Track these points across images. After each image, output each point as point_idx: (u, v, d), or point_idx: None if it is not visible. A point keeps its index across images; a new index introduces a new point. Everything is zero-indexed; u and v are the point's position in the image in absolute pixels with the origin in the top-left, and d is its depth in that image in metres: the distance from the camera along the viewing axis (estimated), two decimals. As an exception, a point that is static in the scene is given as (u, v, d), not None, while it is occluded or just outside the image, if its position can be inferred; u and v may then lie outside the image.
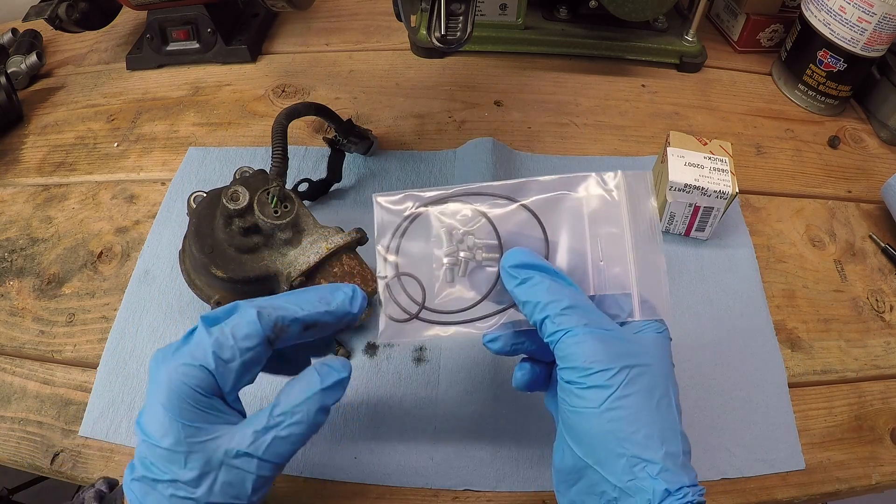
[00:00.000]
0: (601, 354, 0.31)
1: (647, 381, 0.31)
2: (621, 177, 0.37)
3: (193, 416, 0.31)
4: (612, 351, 0.31)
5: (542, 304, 0.33)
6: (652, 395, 0.31)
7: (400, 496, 0.43)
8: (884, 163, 0.66)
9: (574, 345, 0.32)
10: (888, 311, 0.54)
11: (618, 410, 0.31)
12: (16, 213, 0.60)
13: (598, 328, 0.32)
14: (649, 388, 0.31)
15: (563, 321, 0.32)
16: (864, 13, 0.60)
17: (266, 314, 0.32)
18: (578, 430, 0.32)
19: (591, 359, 0.31)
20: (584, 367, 0.31)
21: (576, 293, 0.34)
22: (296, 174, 0.59)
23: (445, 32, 0.44)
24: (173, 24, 0.70)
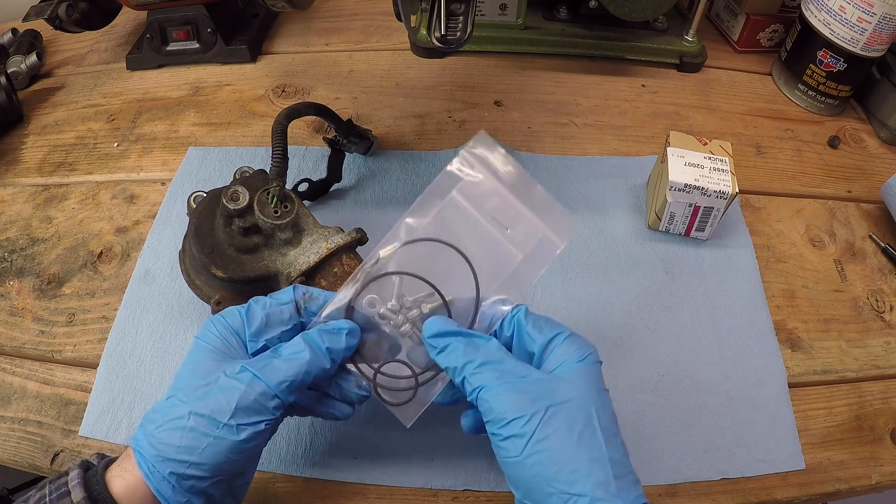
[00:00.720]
0: (515, 403, 0.33)
1: (564, 418, 0.32)
2: (464, 154, 0.39)
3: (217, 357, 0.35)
4: (525, 397, 0.33)
5: (459, 367, 0.35)
6: (572, 429, 0.32)
7: (400, 496, 0.43)
8: (884, 163, 0.66)
9: (490, 398, 0.33)
10: (888, 311, 0.54)
11: (539, 454, 0.32)
12: (16, 213, 0.60)
13: (513, 377, 0.34)
14: (568, 423, 0.32)
15: (478, 379, 0.34)
16: (864, 13, 0.60)
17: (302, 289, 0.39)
18: (512, 476, 0.33)
19: (506, 409, 0.32)
20: (500, 419, 0.33)
21: (490, 348, 0.35)
22: (296, 174, 0.59)
23: (445, 32, 0.44)
24: (173, 24, 0.70)
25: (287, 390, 0.34)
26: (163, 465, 0.32)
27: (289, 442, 0.45)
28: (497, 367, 0.34)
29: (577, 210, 0.58)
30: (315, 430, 0.45)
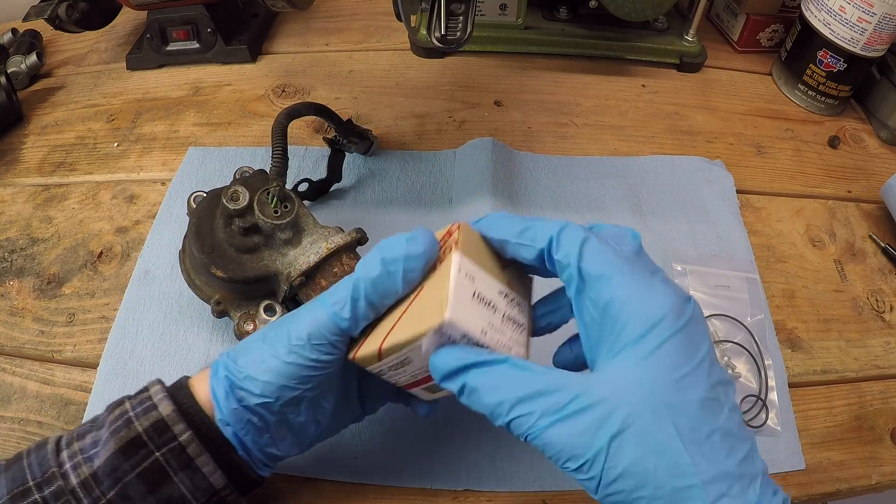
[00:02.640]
0: (568, 446, 0.27)
1: (634, 446, 0.26)
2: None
3: None
4: (578, 436, 0.26)
5: (492, 412, 0.28)
6: (647, 456, 0.26)
7: (400, 496, 0.43)
8: (884, 163, 0.66)
9: (540, 444, 0.28)
10: (888, 311, 0.54)
11: (617, 494, 0.26)
12: (16, 213, 0.60)
13: (555, 411, 0.27)
14: (640, 451, 0.26)
15: (519, 424, 0.28)
16: (864, 13, 0.60)
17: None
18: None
19: (561, 454, 0.27)
20: (562, 463, 0.27)
21: (513, 374, 0.28)
22: (296, 174, 0.59)
23: (445, 32, 0.44)
24: (173, 24, 0.70)
25: (338, 315, 0.31)
26: (224, 370, 0.33)
27: (289, 442, 0.45)
28: (533, 404, 0.27)
29: (577, 210, 0.58)
30: (315, 430, 0.45)
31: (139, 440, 0.32)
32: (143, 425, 0.32)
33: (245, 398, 0.33)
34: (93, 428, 0.34)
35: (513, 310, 0.31)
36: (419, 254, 0.30)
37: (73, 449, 0.33)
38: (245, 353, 0.34)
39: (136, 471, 0.31)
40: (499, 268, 0.32)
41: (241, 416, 0.33)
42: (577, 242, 0.29)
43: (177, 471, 0.32)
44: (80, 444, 0.33)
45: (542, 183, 0.61)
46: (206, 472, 0.32)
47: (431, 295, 0.30)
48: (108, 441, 0.32)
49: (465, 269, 0.29)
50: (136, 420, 0.32)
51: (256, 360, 0.33)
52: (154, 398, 0.33)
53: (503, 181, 0.59)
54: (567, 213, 0.58)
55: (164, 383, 0.35)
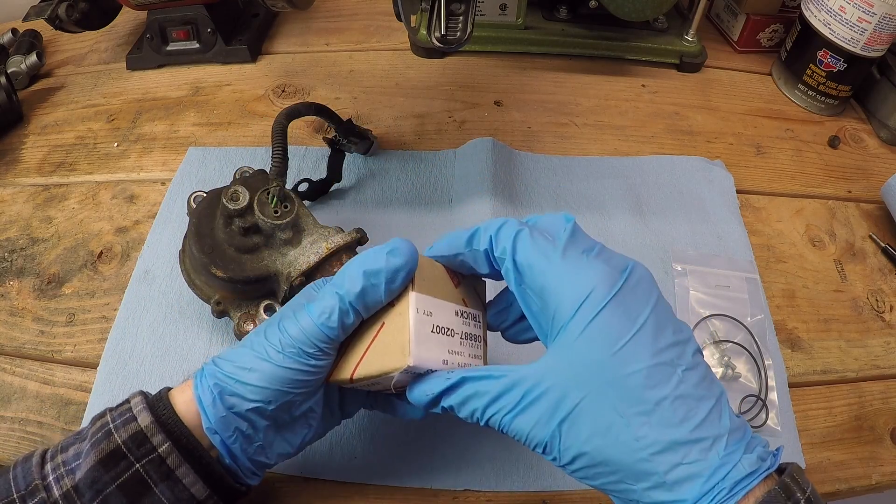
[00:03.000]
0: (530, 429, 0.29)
1: (580, 417, 0.27)
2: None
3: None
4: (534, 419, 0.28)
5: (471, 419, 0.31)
6: (589, 423, 0.27)
7: (400, 496, 0.43)
8: (884, 163, 0.66)
9: (512, 434, 0.30)
10: (888, 311, 0.54)
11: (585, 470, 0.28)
12: (16, 213, 0.60)
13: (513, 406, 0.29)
14: (583, 419, 0.27)
15: (493, 423, 0.30)
16: (864, 13, 0.60)
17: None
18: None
19: (529, 440, 0.29)
20: (532, 447, 0.29)
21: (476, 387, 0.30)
22: (296, 174, 0.59)
23: (445, 32, 0.44)
24: (173, 24, 0.70)
25: (326, 325, 0.32)
26: (211, 378, 0.33)
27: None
28: (497, 405, 0.29)
29: (577, 210, 0.58)
30: (315, 430, 0.45)
31: (119, 451, 0.32)
32: (122, 437, 0.32)
33: (236, 404, 0.33)
34: (76, 440, 0.33)
35: (468, 326, 0.34)
36: (400, 266, 0.31)
37: (56, 461, 0.32)
38: (232, 360, 0.34)
39: (116, 483, 0.31)
40: (453, 285, 0.35)
41: (230, 424, 0.33)
42: (510, 237, 0.31)
43: (157, 482, 0.32)
44: (63, 457, 0.33)
45: (542, 183, 0.61)
46: (186, 483, 0.32)
47: (394, 331, 0.32)
48: (89, 453, 0.32)
49: (423, 307, 0.32)
50: (116, 432, 0.32)
51: (247, 366, 0.33)
52: (134, 409, 0.33)
53: (503, 181, 0.59)
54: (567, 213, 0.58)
55: (148, 394, 0.35)
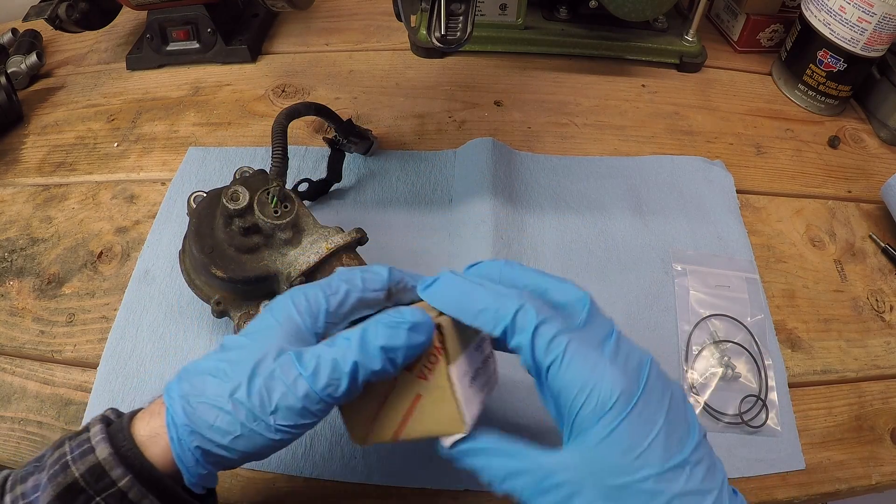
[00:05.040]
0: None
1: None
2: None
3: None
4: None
5: (490, 483, 0.31)
6: None
7: (400, 496, 0.43)
8: (884, 163, 0.66)
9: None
10: (888, 311, 0.54)
11: None
12: (16, 213, 0.60)
13: (531, 486, 0.30)
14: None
15: (511, 492, 0.31)
16: (864, 13, 0.60)
17: (393, 269, 0.35)
18: None
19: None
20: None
21: (501, 461, 0.31)
22: (296, 174, 0.59)
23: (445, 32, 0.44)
24: (173, 24, 0.70)
25: (332, 397, 0.30)
26: (191, 437, 0.30)
27: (289, 442, 0.45)
28: (516, 480, 0.30)
29: (577, 210, 0.58)
30: (315, 430, 0.45)
31: (77, 486, 0.30)
32: (79, 470, 0.30)
33: (222, 461, 0.31)
34: (36, 469, 0.31)
35: (483, 351, 0.35)
36: (421, 343, 0.31)
37: (15, 492, 0.31)
38: (211, 420, 0.30)
39: None
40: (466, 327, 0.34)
41: (211, 473, 0.32)
42: (528, 333, 0.30)
43: None
44: (23, 488, 0.31)
45: (542, 183, 0.61)
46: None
47: (436, 401, 0.32)
48: (47, 487, 0.30)
49: (459, 373, 0.32)
50: (73, 464, 0.30)
51: (232, 431, 0.30)
52: (92, 440, 0.31)
53: (503, 181, 0.59)
54: (567, 213, 0.58)
55: (113, 418, 0.33)
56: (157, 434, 0.31)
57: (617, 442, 0.28)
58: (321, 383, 0.30)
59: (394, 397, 0.33)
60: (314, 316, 0.33)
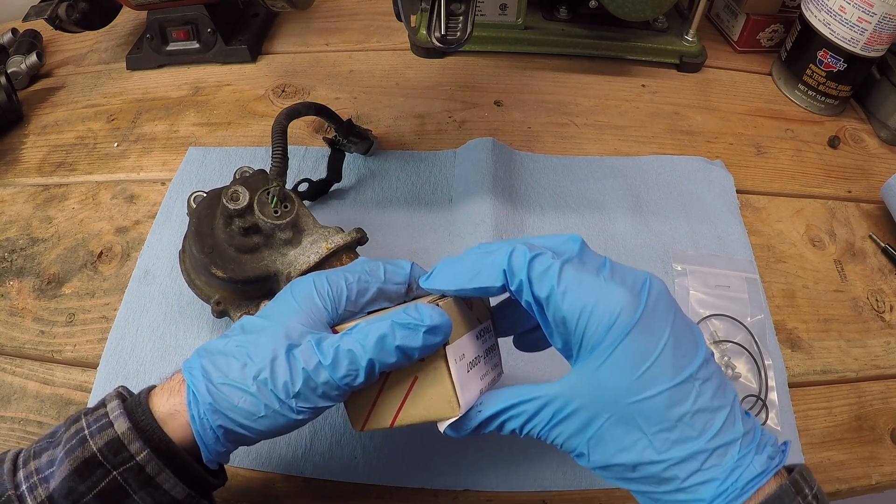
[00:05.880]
0: (563, 440, 0.31)
1: (606, 437, 0.29)
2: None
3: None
4: (567, 433, 0.30)
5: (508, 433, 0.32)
6: (614, 441, 0.29)
7: (400, 496, 0.43)
8: (884, 163, 0.66)
9: (547, 441, 0.31)
10: (888, 311, 0.54)
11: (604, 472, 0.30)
12: (16, 213, 0.60)
13: (548, 420, 0.30)
14: (609, 439, 0.29)
15: (530, 434, 0.32)
16: (864, 13, 0.60)
17: (415, 266, 0.36)
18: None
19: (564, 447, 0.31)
20: (567, 452, 0.31)
21: (518, 409, 0.31)
22: (296, 174, 0.59)
23: (445, 32, 0.44)
24: (173, 24, 0.70)
25: (350, 386, 0.31)
26: (214, 416, 0.31)
27: (289, 442, 0.45)
28: (533, 421, 0.31)
29: (577, 210, 0.58)
30: (315, 430, 0.45)
31: (95, 460, 0.30)
32: (97, 444, 0.30)
33: (241, 440, 0.32)
34: (50, 444, 0.32)
35: (486, 341, 0.35)
36: (436, 343, 0.31)
37: (29, 468, 0.31)
38: (233, 399, 0.31)
39: (93, 492, 0.30)
40: (468, 309, 0.35)
41: (229, 450, 0.33)
42: (523, 270, 0.30)
43: (136, 490, 0.31)
44: (37, 464, 0.31)
45: (542, 183, 0.61)
46: (167, 488, 0.31)
47: (432, 383, 0.32)
48: (64, 461, 0.30)
49: (456, 355, 0.32)
50: (91, 438, 0.31)
51: (255, 412, 0.31)
52: (110, 414, 0.31)
53: (503, 181, 0.59)
54: (567, 213, 0.58)
55: (126, 395, 0.34)
56: (176, 411, 0.32)
57: (624, 357, 0.28)
58: (340, 374, 0.31)
59: (392, 380, 0.33)
60: (335, 302, 0.34)
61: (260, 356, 0.31)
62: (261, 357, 0.31)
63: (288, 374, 0.31)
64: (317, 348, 0.31)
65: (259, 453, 0.44)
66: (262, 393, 0.31)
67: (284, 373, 0.31)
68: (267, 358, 0.31)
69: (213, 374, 0.32)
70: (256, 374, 0.31)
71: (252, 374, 0.31)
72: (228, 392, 0.31)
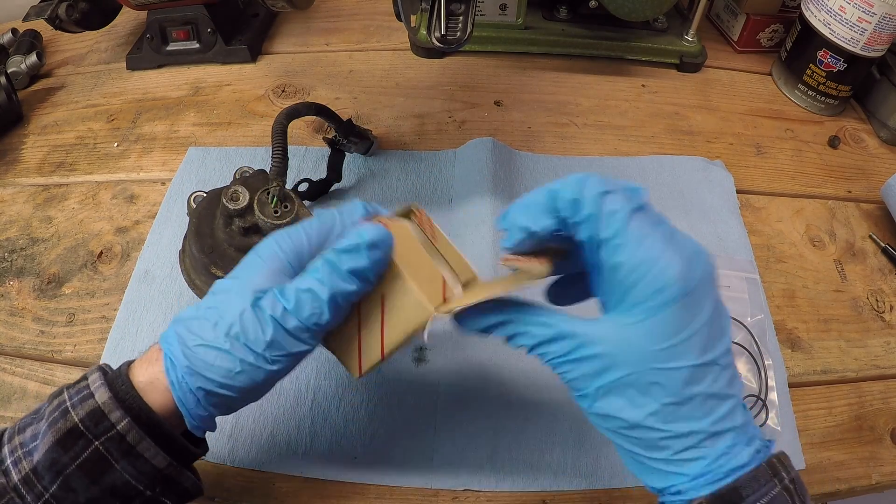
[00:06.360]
0: (572, 378, 0.30)
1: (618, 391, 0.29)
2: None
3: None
4: (578, 373, 0.30)
5: (518, 347, 0.32)
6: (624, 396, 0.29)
7: (400, 496, 0.43)
8: (884, 163, 0.66)
9: (556, 373, 0.31)
10: (888, 311, 0.54)
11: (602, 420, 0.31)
12: (16, 213, 0.60)
13: (563, 354, 0.30)
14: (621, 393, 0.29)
15: (541, 357, 0.31)
16: (864, 13, 0.60)
17: (368, 202, 0.36)
18: None
19: (571, 385, 0.31)
20: (571, 388, 0.31)
21: (534, 325, 0.31)
22: (296, 174, 0.59)
23: (445, 32, 0.44)
24: (173, 24, 0.70)
25: (319, 325, 0.32)
26: (192, 378, 0.31)
27: (289, 442, 0.45)
28: (550, 346, 0.31)
29: (577, 210, 0.58)
30: (315, 430, 0.45)
31: (76, 430, 0.31)
32: (79, 415, 0.31)
33: (222, 403, 0.33)
34: (34, 420, 0.32)
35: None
36: (383, 258, 0.32)
37: (13, 443, 0.31)
38: (210, 360, 0.31)
39: (75, 462, 0.30)
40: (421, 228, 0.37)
41: (211, 414, 0.33)
42: (595, 202, 0.30)
43: (118, 459, 0.31)
44: (21, 438, 0.32)
45: (542, 183, 0.60)
46: (148, 457, 0.32)
47: (399, 293, 0.32)
48: (46, 433, 0.31)
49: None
50: (73, 410, 0.31)
51: (233, 368, 0.31)
52: (91, 386, 0.32)
53: (503, 181, 0.59)
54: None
55: (108, 369, 0.34)
56: (156, 379, 0.32)
57: (663, 324, 0.28)
58: (305, 313, 0.31)
59: (366, 312, 0.34)
60: (298, 254, 0.34)
61: (230, 313, 0.32)
62: (230, 314, 0.32)
63: (257, 324, 0.31)
64: (280, 295, 0.32)
65: (259, 453, 0.44)
66: (235, 348, 0.31)
67: (254, 324, 0.31)
68: (236, 313, 0.32)
69: (188, 338, 0.32)
70: (227, 331, 0.31)
71: (223, 332, 0.31)
72: (203, 353, 0.31)
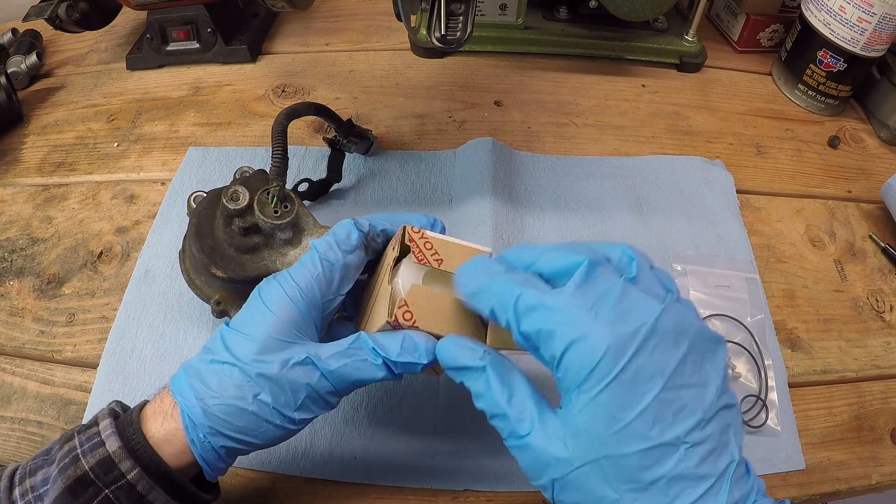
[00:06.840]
0: (526, 465, 0.29)
1: (572, 484, 0.28)
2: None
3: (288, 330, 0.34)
4: (530, 460, 0.29)
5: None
6: (580, 490, 0.27)
7: (400, 496, 0.43)
8: (884, 163, 0.66)
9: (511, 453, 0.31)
10: (888, 311, 0.54)
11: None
12: (16, 213, 0.60)
13: (515, 436, 0.29)
14: (575, 486, 0.28)
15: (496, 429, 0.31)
16: (864, 13, 0.60)
17: (359, 221, 0.37)
18: None
19: (524, 470, 0.30)
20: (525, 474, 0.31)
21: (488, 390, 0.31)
22: (296, 174, 0.59)
23: (445, 32, 0.44)
24: (173, 24, 0.70)
25: (347, 393, 0.34)
26: (216, 438, 0.32)
27: (289, 442, 0.45)
28: (501, 422, 0.30)
29: (577, 210, 0.58)
30: (315, 430, 0.45)
31: (87, 478, 0.31)
32: (89, 463, 0.31)
33: (241, 452, 0.34)
34: (45, 463, 0.33)
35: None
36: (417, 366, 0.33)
37: (24, 486, 0.32)
38: (233, 415, 0.32)
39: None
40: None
41: (230, 464, 0.34)
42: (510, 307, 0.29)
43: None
44: (32, 482, 0.32)
45: (542, 183, 0.61)
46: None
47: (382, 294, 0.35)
48: (57, 479, 0.31)
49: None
50: (84, 457, 0.31)
51: (257, 428, 0.32)
52: (102, 434, 0.32)
53: (503, 181, 0.59)
54: (567, 213, 0.58)
55: (118, 412, 0.34)
56: (172, 436, 0.33)
57: (602, 408, 0.26)
58: (344, 385, 0.33)
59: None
60: (311, 303, 0.35)
61: (252, 372, 0.32)
62: (253, 372, 0.32)
63: (289, 389, 0.32)
64: (315, 360, 0.33)
65: (259, 453, 0.44)
66: (262, 410, 0.32)
67: (286, 388, 0.32)
68: (262, 375, 0.32)
69: (205, 395, 0.32)
70: (256, 394, 0.32)
71: (251, 394, 0.32)
72: (226, 413, 0.32)
